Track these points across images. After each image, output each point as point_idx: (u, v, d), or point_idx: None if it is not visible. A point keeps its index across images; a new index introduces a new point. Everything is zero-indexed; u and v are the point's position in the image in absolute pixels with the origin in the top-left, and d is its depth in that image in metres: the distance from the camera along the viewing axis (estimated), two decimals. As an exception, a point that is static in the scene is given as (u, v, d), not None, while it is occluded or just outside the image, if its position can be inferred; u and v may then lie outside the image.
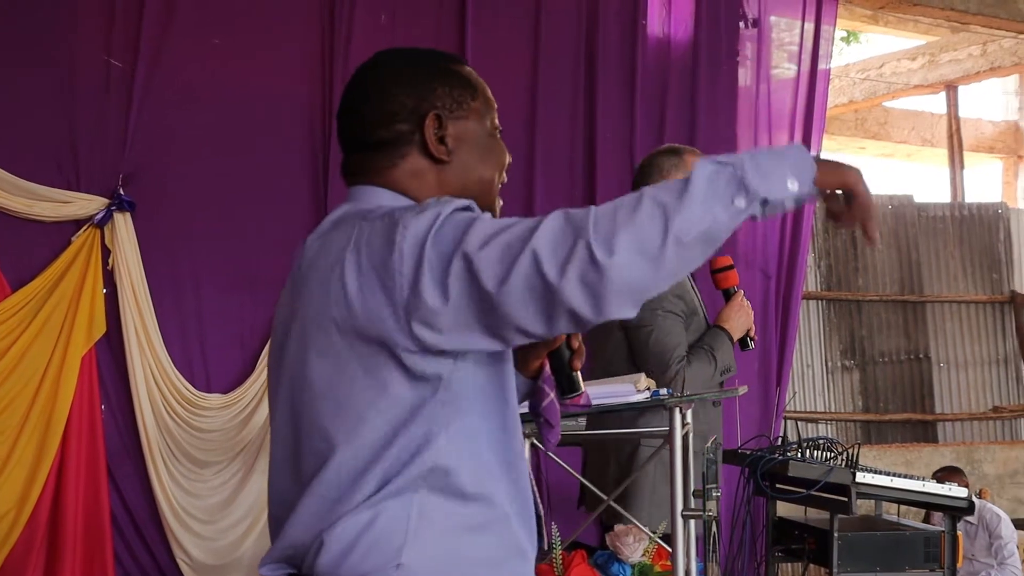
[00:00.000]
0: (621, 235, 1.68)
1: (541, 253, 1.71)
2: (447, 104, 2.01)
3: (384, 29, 6.09)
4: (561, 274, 1.70)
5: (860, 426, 8.78)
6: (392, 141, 2.00)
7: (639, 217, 1.69)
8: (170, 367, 5.55)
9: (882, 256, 9.00)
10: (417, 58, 2.06)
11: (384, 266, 1.79)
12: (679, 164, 4.03)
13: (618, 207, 1.71)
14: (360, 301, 1.81)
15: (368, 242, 1.83)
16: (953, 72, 10.54)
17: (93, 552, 5.37)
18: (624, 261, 1.69)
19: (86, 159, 5.49)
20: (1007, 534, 6.47)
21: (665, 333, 3.86)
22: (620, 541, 3.87)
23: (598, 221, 1.71)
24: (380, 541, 1.84)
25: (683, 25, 6.98)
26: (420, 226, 1.78)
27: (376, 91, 2.02)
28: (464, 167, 2.04)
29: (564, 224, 1.74)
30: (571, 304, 1.71)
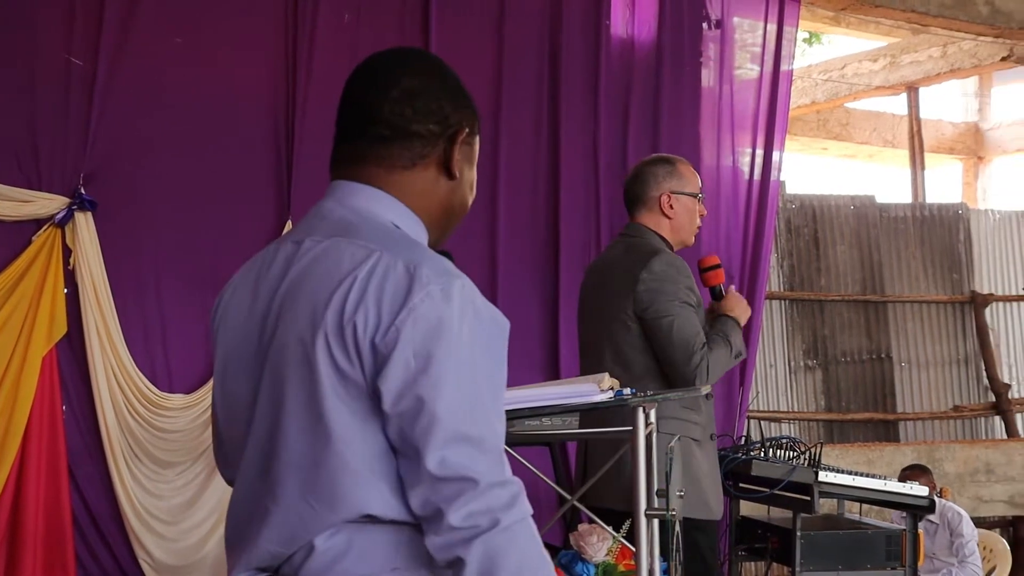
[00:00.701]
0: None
1: (471, 506, 1.78)
2: (470, 126, 2.04)
3: (347, 28, 6.07)
4: (462, 523, 1.78)
5: (822, 425, 8.82)
6: (419, 137, 1.98)
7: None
8: (132, 367, 5.52)
9: (844, 256, 9.05)
10: (453, 73, 2.08)
11: (378, 326, 1.80)
12: (673, 172, 4.20)
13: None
14: (351, 330, 1.82)
15: (384, 278, 1.83)
16: (914, 73, 10.61)
17: (54, 553, 5.33)
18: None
19: (47, 158, 5.45)
20: (968, 532, 6.52)
21: (686, 321, 3.99)
22: (584, 540, 3.87)
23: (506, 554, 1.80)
24: (375, 547, 1.85)
25: (646, 26, 7.00)
26: (433, 318, 1.80)
27: (417, 85, 2.00)
28: (459, 190, 2.05)
29: (493, 495, 1.81)
30: (443, 542, 1.81)
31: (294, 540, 1.87)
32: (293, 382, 1.86)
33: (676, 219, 4.20)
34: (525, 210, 6.58)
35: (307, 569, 1.86)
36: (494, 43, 6.54)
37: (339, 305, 1.82)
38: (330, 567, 1.85)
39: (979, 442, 8.84)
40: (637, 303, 4.02)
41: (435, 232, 2.04)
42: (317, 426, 1.83)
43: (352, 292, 1.82)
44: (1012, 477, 8.43)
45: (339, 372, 1.82)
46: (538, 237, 6.60)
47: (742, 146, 7.29)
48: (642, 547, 3.22)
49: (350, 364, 1.81)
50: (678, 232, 4.22)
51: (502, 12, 6.54)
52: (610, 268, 4.21)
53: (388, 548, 1.85)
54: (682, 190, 4.19)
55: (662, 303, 4.00)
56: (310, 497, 1.85)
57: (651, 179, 4.19)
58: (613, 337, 4.11)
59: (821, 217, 9.03)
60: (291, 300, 1.89)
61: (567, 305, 6.59)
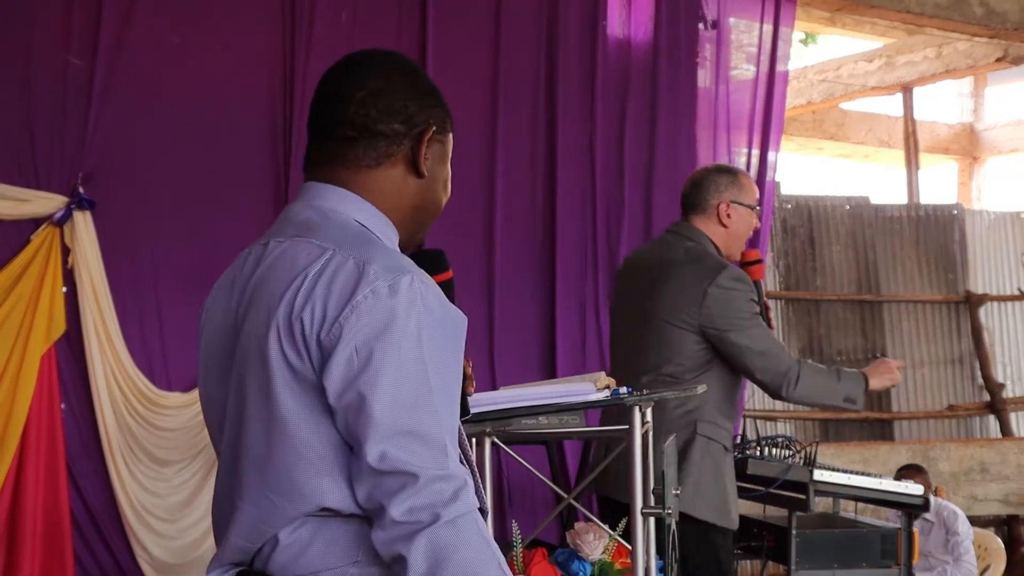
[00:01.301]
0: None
1: (408, 534, 1.79)
2: (437, 123, 2.04)
3: (345, 28, 6.08)
4: (404, 517, 1.79)
5: (818, 424, 8.85)
6: (383, 136, 1.99)
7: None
8: (130, 366, 5.53)
9: (839, 256, 9.08)
10: (419, 71, 2.08)
11: (323, 322, 1.83)
12: (734, 183, 4.23)
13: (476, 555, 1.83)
14: (299, 326, 1.85)
15: (333, 276, 1.85)
16: (909, 74, 10.64)
17: (53, 551, 5.34)
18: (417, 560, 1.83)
19: (45, 157, 5.46)
20: (963, 531, 6.54)
21: (761, 332, 4.10)
22: (580, 539, 3.89)
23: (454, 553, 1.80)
24: (337, 539, 1.87)
25: (643, 26, 7.02)
26: (377, 313, 1.82)
27: (382, 85, 2.00)
28: (430, 188, 2.05)
29: (435, 489, 1.80)
30: (387, 537, 1.82)
31: (258, 534, 1.91)
32: (252, 380, 1.90)
33: (732, 228, 4.22)
34: (522, 210, 6.59)
35: (273, 562, 1.89)
36: (491, 43, 6.55)
37: (289, 302, 1.85)
38: (295, 560, 1.88)
39: (974, 441, 8.87)
40: (705, 316, 4.03)
41: (406, 230, 2.05)
42: (272, 421, 1.87)
43: (302, 289, 1.85)
44: (1006, 476, 8.45)
45: (291, 368, 1.85)
46: (535, 237, 6.62)
47: (738, 146, 7.31)
48: (638, 545, 3.23)
49: (300, 360, 1.84)
50: (732, 242, 4.25)
51: (499, 13, 6.55)
52: (666, 267, 4.17)
53: (351, 541, 1.87)
54: (741, 200, 4.20)
55: (733, 318, 4.04)
56: (269, 491, 1.88)
57: (712, 186, 4.21)
58: (665, 337, 4.09)
59: (817, 217, 9.06)
60: (253, 300, 1.93)
61: (563, 304, 6.61)
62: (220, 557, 1.98)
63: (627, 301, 4.32)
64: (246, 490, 1.91)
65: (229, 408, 1.96)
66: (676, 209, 6.93)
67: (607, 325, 6.72)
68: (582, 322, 6.70)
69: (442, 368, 1.86)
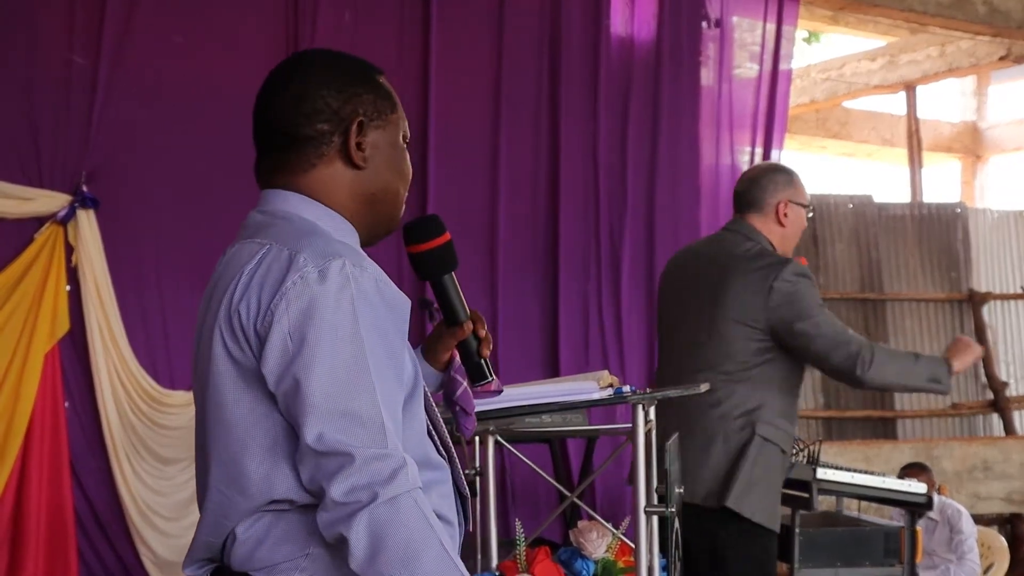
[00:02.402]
0: (382, 540, 1.83)
1: (346, 515, 1.81)
2: (369, 111, 2.03)
3: (347, 27, 6.09)
4: (342, 497, 1.81)
5: (821, 423, 8.85)
6: (311, 140, 2.01)
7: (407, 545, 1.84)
8: (134, 364, 5.54)
9: (842, 255, 9.07)
10: (343, 62, 2.08)
11: (258, 311, 1.87)
12: (790, 182, 4.23)
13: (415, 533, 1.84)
14: (237, 318, 1.89)
15: (268, 268, 1.89)
16: (912, 73, 10.63)
17: (56, 550, 5.35)
18: (358, 540, 1.83)
19: (49, 156, 5.47)
20: (967, 529, 6.53)
21: (829, 319, 4.05)
22: (584, 537, 3.89)
23: (392, 522, 1.82)
24: (290, 532, 1.90)
25: (646, 25, 7.02)
26: (305, 298, 1.84)
27: (300, 89, 2.03)
28: (377, 176, 2.05)
29: (373, 469, 1.82)
30: (328, 519, 1.83)
31: (219, 529, 1.95)
32: (204, 378, 1.95)
33: (788, 228, 4.20)
34: (525, 208, 6.60)
35: (234, 557, 1.94)
36: (494, 42, 6.55)
37: (229, 298, 1.90)
38: (251, 555, 1.92)
39: (977, 439, 8.87)
40: (772, 311, 4.00)
41: (364, 224, 2.06)
42: (220, 416, 1.91)
43: (239, 284, 1.90)
44: (1009, 474, 8.45)
45: (233, 361, 1.89)
46: (538, 235, 6.62)
47: (741, 145, 7.31)
48: (641, 544, 3.24)
49: (241, 352, 1.88)
50: (787, 241, 4.23)
51: (502, 11, 6.56)
52: (729, 265, 4.13)
53: (304, 532, 1.89)
54: (798, 200, 4.20)
55: (801, 308, 4.01)
56: (223, 486, 1.92)
57: (771, 185, 4.19)
58: (727, 335, 4.04)
59: (820, 216, 9.06)
60: (208, 305, 1.99)
61: (567, 303, 6.62)
62: (191, 554, 2.03)
63: (683, 297, 4.25)
64: (209, 486, 1.95)
65: (197, 409, 2.02)
66: (677, 208, 7.00)
67: (611, 324, 6.76)
68: (585, 321, 6.70)
69: (378, 349, 1.88)
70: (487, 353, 2.23)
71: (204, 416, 1.97)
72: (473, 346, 2.21)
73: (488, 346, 2.22)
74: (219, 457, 1.93)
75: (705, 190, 7.17)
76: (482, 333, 2.21)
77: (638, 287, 6.84)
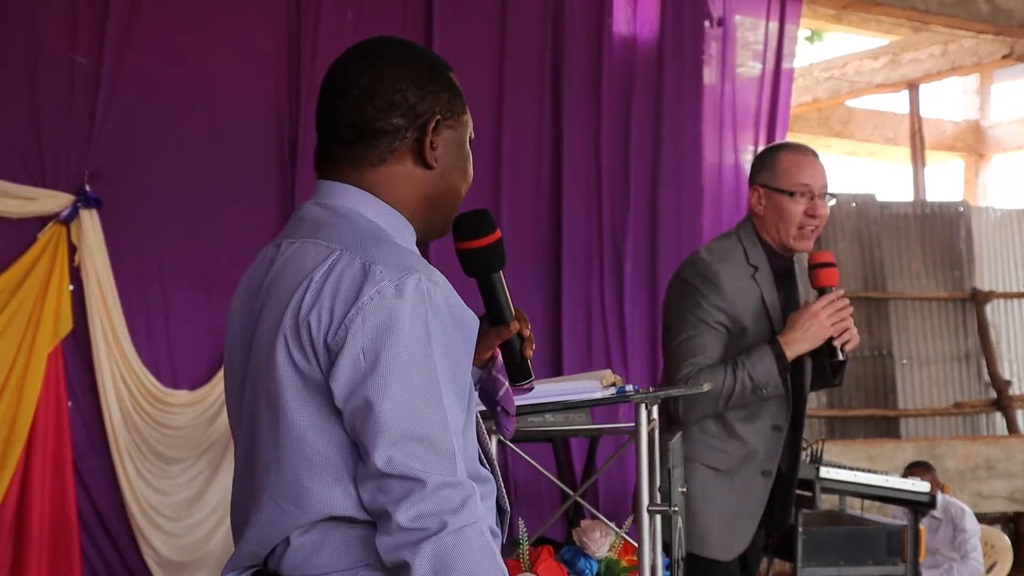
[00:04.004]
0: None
1: (412, 541, 1.77)
2: (444, 110, 1.96)
3: (350, 27, 6.09)
4: (410, 524, 1.77)
5: (824, 422, 8.85)
6: (384, 134, 1.93)
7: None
8: (137, 364, 5.54)
9: (845, 253, 9.07)
10: (421, 55, 2.00)
11: (330, 324, 1.81)
12: (763, 164, 3.75)
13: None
14: (306, 329, 1.82)
15: (340, 278, 1.82)
16: (915, 71, 10.62)
17: (60, 550, 5.35)
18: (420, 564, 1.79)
19: (52, 156, 5.47)
20: (971, 528, 6.54)
21: (686, 340, 3.61)
22: (587, 536, 3.89)
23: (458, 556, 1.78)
24: (349, 543, 1.86)
25: (648, 24, 7.02)
26: (383, 315, 1.79)
27: (375, 81, 1.93)
28: (444, 176, 1.99)
29: (442, 497, 1.79)
30: (381, 528, 1.81)
31: (268, 541, 1.90)
32: (262, 386, 1.88)
33: (767, 216, 3.70)
34: (528, 207, 6.60)
35: (286, 563, 1.88)
36: (496, 41, 6.55)
37: (296, 306, 1.83)
38: (307, 560, 1.86)
39: (980, 438, 8.87)
40: (663, 315, 3.79)
41: (424, 223, 2.00)
42: (280, 428, 1.85)
43: (308, 292, 1.82)
44: (1013, 473, 8.45)
45: (298, 371, 1.83)
46: (541, 235, 6.63)
47: (744, 144, 7.31)
48: (644, 543, 3.23)
49: (308, 364, 1.82)
50: (769, 230, 3.72)
51: (504, 10, 6.56)
52: None
53: (362, 544, 1.85)
54: (773, 185, 3.68)
55: (673, 318, 3.67)
56: (279, 499, 1.86)
57: (750, 173, 3.82)
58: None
59: (822, 215, 9.05)
60: (265, 305, 1.91)
61: (569, 302, 6.62)
62: (234, 561, 1.96)
63: None
64: (260, 498, 1.89)
65: (243, 415, 1.94)
66: (680, 207, 7.00)
67: (613, 323, 6.75)
68: (588, 320, 6.70)
69: (451, 371, 1.84)
70: (530, 353, 2.16)
71: (254, 426, 1.90)
72: (517, 346, 2.14)
73: (531, 346, 2.16)
74: (273, 469, 1.86)
75: (707, 189, 7.16)
76: (526, 333, 2.15)
77: (641, 286, 6.84)
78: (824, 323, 3.58)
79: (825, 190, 3.66)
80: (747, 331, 3.64)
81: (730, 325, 3.61)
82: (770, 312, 3.67)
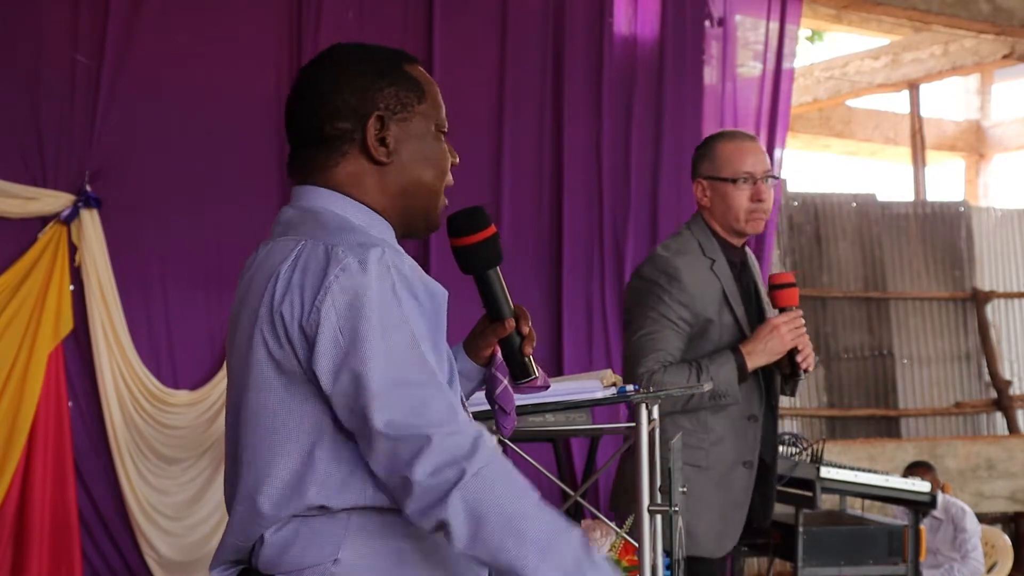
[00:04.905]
0: (480, 516, 1.79)
1: (424, 458, 1.78)
2: (391, 105, 2.01)
3: (351, 26, 6.09)
4: (429, 480, 1.79)
5: (824, 422, 8.85)
6: (334, 138, 2.00)
7: (502, 511, 1.80)
8: (138, 364, 5.54)
9: (846, 254, 9.07)
10: (366, 55, 2.05)
11: (302, 310, 1.85)
12: (703, 155, 3.74)
13: (505, 491, 1.81)
14: (280, 320, 1.87)
15: (305, 265, 1.87)
16: (915, 71, 10.62)
17: (60, 549, 5.35)
18: (456, 525, 1.80)
19: (52, 156, 5.48)
20: (971, 528, 6.54)
21: (647, 335, 3.61)
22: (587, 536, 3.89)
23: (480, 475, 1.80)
24: (319, 537, 1.89)
25: (649, 24, 7.02)
26: (350, 290, 1.83)
27: (322, 87, 2.02)
28: (405, 170, 2.03)
29: (452, 444, 1.80)
30: (406, 502, 1.82)
31: (248, 533, 1.94)
32: (240, 380, 1.93)
33: (715, 207, 3.71)
34: (528, 207, 6.60)
35: (262, 559, 1.92)
36: (497, 41, 6.56)
37: (269, 299, 1.88)
38: (279, 556, 1.90)
39: (980, 438, 8.86)
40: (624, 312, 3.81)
41: (400, 217, 2.05)
42: (259, 421, 1.90)
43: (279, 284, 1.88)
44: (1013, 473, 8.45)
45: (275, 363, 1.87)
46: (542, 234, 6.63)
47: (744, 143, 7.30)
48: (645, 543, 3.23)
49: (284, 353, 1.86)
50: (718, 221, 3.74)
51: (505, 10, 6.56)
52: None
53: (334, 538, 1.88)
54: (715, 175, 3.69)
55: (635, 314, 3.68)
56: (253, 490, 1.90)
57: (693, 167, 3.80)
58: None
59: (823, 214, 9.06)
60: (243, 305, 1.97)
61: (570, 303, 6.62)
62: (219, 555, 2.01)
63: None
64: (240, 490, 1.93)
65: (229, 409, 2.00)
66: (680, 207, 6.99)
67: (614, 323, 6.75)
68: (589, 320, 6.70)
69: (428, 337, 1.87)
70: (530, 351, 2.17)
71: (238, 420, 1.94)
72: (516, 343, 2.16)
73: (532, 343, 2.18)
74: (252, 461, 1.91)
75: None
76: (525, 330, 2.17)
77: (642, 286, 6.83)
78: (784, 337, 3.62)
79: (768, 173, 3.70)
80: (713, 323, 3.66)
81: (692, 321, 3.64)
82: (731, 302, 3.70)
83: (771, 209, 3.77)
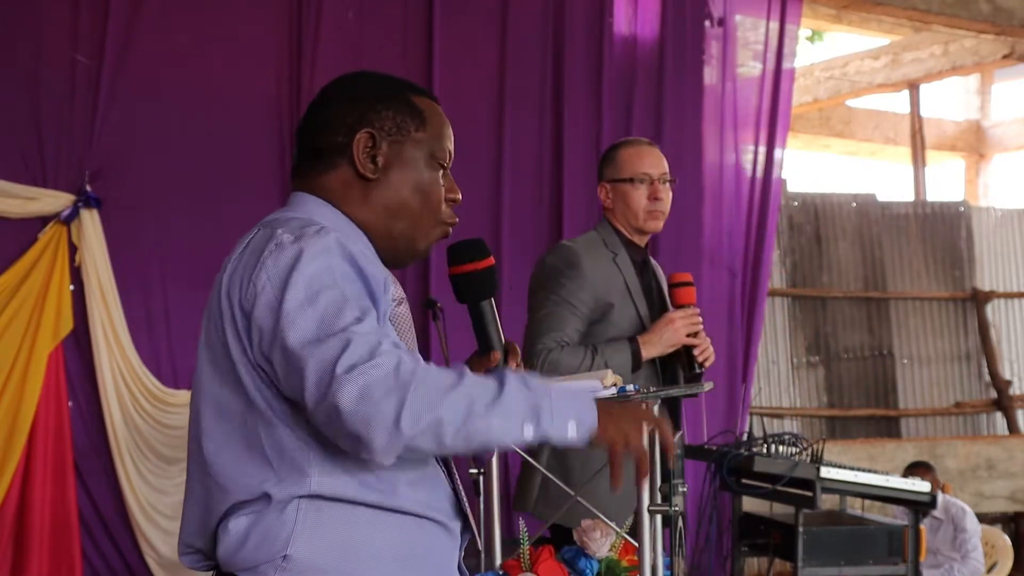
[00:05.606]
0: (427, 415, 1.78)
1: (360, 394, 1.78)
2: (386, 126, 2.08)
3: (351, 27, 6.09)
4: (369, 414, 1.78)
5: (825, 422, 8.85)
6: (327, 150, 2.09)
7: (448, 404, 1.79)
8: (138, 364, 5.54)
9: (846, 253, 9.07)
10: (375, 81, 2.15)
11: (241, 288, 1.93)
12: (607, 161, 4.02)
13: (436, 384, 1.80)
14: (228, 304, 1.94)
15: (252, 250, 1.96)
16: (915, 71, 10.62)
17: (60, 550, 5.36)
18: (419, 436, 1.78)
19: (52, 156, 5.48)
20: (971, 528, 6.54)
21: (547, 316, 3.80)
22: (587, 536, 3.89)
23: (418, 390, 1.78)
24: (269, 533, 1.92)
25: (649, 24, 7.02)
26: (282, 262, 1.88)
27: (327, 103, 2.12)
28: (390, 190, 2.09)
29: (390, 376, 1.79)
30: (361, 441, 1.80)
31: (204, 525, 2.01)
32: (200, 369, 2.02)
33: (617, 207, 3.96)
34: (528, 207, 6.60)
35: (219, 556, 1.98)
36: (497, 41, 6.55)
37: (226, 289, 1.96)
38: (236, 553, 1.95)
39: (980, 438, 8.86)
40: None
41: (382, 237, 2.10)
42: (204, 408, 1.98)
43: (227, 274, 1.96)
44: (1013, 473, 8.45)
45: (225, 349, 1.93)
46: (542, 233, 6.62)
47: (744, 143, 7.31)
48: (645, 543, 3.24)
49: (239, 340, 1.92)
50: (620, 219, 3.98)
51: (505, 10, 6.56)
52: None
53: (283, 534, 1.92)
54: (616, 177, 3.94)
55: (537, 296, 3.89)
56: (206, 479, 1.97)
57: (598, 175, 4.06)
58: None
59: (823, 214, 9.06)
60: (214, 297, 2.04)
61: (570, 302, 6.61)
62: (180, 546, 2.10)
63: None
64: (193, 481, 2.02)
65: (192, 404, 2.07)
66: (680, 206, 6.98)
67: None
68: (588, 320, 6.69)
69: (361, 299, 1.88)
70: (514, 366, 2.21)
71: (199, 411, 2.02)
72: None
73: (515, 359, 2.23)
74: (199, 450, 1.98)
75: (708, 188, 7.16)
76: (513, 366, 2.21)
77: (641, 286, 6.83)
78: (679, 330, 3.82)
79: (665, 177, 3.94)
80: (614, 307, 3.85)
81: (592, 304, 3.82)
82: (632, 293, 3.90)
83: (668, 210, 3.98)
